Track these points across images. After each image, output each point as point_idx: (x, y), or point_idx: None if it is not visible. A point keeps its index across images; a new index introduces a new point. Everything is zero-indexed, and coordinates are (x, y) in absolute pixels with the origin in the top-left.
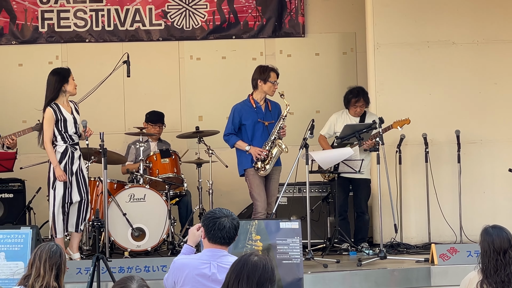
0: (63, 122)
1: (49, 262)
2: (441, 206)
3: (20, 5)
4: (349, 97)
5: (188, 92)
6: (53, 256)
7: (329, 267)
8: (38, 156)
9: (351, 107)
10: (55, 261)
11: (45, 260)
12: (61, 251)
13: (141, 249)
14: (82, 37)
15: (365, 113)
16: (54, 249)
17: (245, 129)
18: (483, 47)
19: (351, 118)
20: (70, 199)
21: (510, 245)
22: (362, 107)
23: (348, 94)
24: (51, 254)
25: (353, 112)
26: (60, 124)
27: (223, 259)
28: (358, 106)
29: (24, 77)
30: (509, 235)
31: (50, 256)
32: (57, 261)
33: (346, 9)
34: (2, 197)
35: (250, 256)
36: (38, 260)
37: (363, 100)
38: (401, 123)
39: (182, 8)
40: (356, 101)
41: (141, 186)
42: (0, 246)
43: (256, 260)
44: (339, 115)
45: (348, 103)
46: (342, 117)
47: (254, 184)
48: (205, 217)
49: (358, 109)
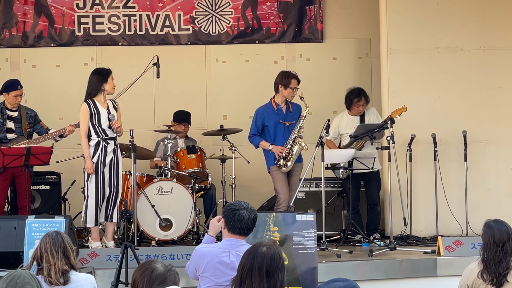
0: (97, 116)
1: (54, 248)
2: (448, 202)
3: (58, 11)
4: (351, 97)
5: (214, 93)
6: (55, 242)
7: (342, 257)
8: (74, 151)
9: (353, 107)
10: (58, 245)
11: (50, 248)
12: (61, 235)
13: (168, 239)
14: (116, 40)
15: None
16: (54, 236)
17: (268, 130)
18: (489, 53)
19: (351, 119)
20: (103, 192)
21: (509, 238)
22: (364, 105)
23: (350, 94)
24: (52, 241)
25: (355, 111)
26: (94, 118)
27: (241, 248)
28: (360, 105)
29: (61, 77)
30: (509, 229)
31: (53, 243)
32: (61, 244)
33: (362, 16)
34: (40, 188)
35: (259, 248)
36: (44, 251)
37: (364, 99)
38: (399, 112)
39: (209, 14)
40: (358, 100)
41: (169, 179)
42: (36, 234)
43: (264, 251)
44: (340, 118)
45: (351, 103)
46: (344, 119)
47: (277, 179)
48: (225, 209)
49: (360, 108)
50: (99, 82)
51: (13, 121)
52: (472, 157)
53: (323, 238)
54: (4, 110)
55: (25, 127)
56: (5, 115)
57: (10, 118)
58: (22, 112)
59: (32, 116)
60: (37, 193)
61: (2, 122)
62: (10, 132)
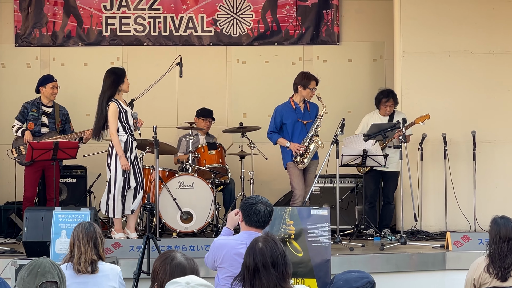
0: (124, 114)
1: (86, 238)
2: (457, 199)
3: (86, 12)
4: (380, 97)
5: (234, 92)
6: (87, 232)
7: (354, 250)
8: (99, 146)
9: (381, 107)
10: (91, 235)
11: (83, 237)
12: (94, 226)
13: (188, 231)
14: (141, 40)
15: (393, 112)
16: (87, 226)
17: (286, 128)
18: (498, 57)
19: (381, 118)
20: (128, 186)
21: None
22: (392, 106)
23: (379, 95)
24: (86, 231)
25: (383, 111)
26: (122, 116)
27: None
28: (388, 106)
29: (88, 75)
30: None
31: (86, 233)
32: (93, 235)
33: (376, 20)
34: (67, 181)
35: (256, 245)
36: (77, 240)
37: (392, 100)
38: (422, 119)
39: (230, 16)
40: (386, 101)
41: (190, 174)
42: (62, 225)
43: (261, 247)
44: (370, 116)
45: (379, 103)
46: (373, 117)
47: (293, 175)
48: (243, 203)
49: (388, 108)
50: (116, 82)
51: (47, 116)
52: (480, 156)
53: (336, 232)
54: (40, 105)
55: (58, 123)
56: (40, 110)
57: (45, 113)
58: (56, 109)
59: (64, 114)
60: (64, 185)
61: (37, 116)
62: (44, 127)
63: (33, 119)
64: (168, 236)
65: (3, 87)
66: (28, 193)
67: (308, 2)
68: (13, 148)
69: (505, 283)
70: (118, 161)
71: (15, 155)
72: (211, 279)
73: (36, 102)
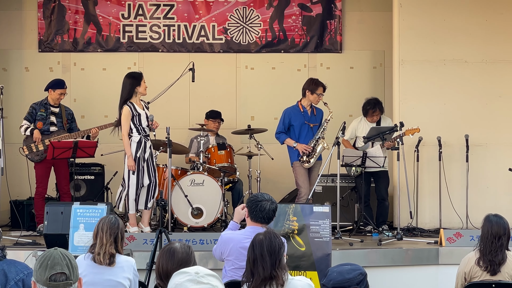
0: (137, 117)
1: (110, 232)
2: (451, 198)
3: (105, 20)
4: (367, 108)
5: (243, 96)
6: (112, 227)
7: (354, 245)
8: (116, 145)
9: (368, 116)
10: (114, 230)
11: (106, 230)
12: (119, 222)
13: (198, 226)
14: (156, 47)
15: (380, 119)
16: (113, 221)
17: (293, 129)
18: (490, 65)
19: (368, 124)
20: (142, 183)
21: (505, 232)
22: (378, 115)
23: (366, 105)
24: (110, 225)
25: (370, 119)
26: (135, 119)
27: None
28: (374, 115)
29: (107, 79)
30: (506, 224)
31: (110, 227)
32: (116, 231)
33: (377, 30)
34: (85, 178)
35: (257, 238)
36: (101, 231)
37: (378, 110)
38: (412, 131)
39: (240, 25)
40: (373, 111)
41: (201, 173)
42: (80, 219)
43: (261, 238)
44: (358, 122)
45: (366, 113)
46: (361, 123)
47: (299, 174)
48: (249, 199)
49: (374, 117)
50: (133, 85)
51: (55, 116)
52: (473, 159)
53: (337, 228)
54: (48, 105)
55: (65, 122)
56: (49, 110)
57: (52, 113)
58: (62, 109)
59: (70, 113)
60: (83, 182)
61: (46, 116)
62: (53, 126)
63: (42, 119)
64: (179, 230)
65: (27, 89)
66: (40, 188)
67: (313, 12)
68: (24, 146)
69: (494, 277)
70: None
71: (26, 152)
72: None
73: (44, 103)
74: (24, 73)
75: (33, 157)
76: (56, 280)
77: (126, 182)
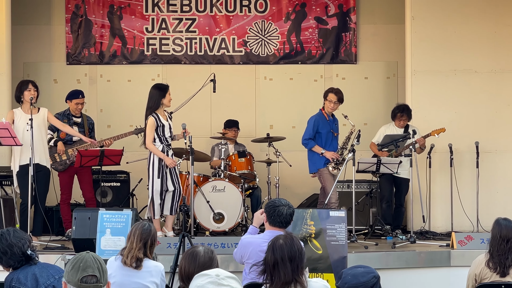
0: (161, 128)
1: (140, 237)
2: (462, 202)
3: (130, 33)
4: (396, 111)
5: (262, 106)
6: (143, 232)
7: (369, 248)
8: (141, 154)
9: (396, 120)
10: (145, 236)
11: (138, 235)
12: (151, 228)
13: (220, 230)
14: (179, 59)
15: (407, 126)
16: (146, 227)
17: (320, 137)
18: (499, 75)
19: (396, 129)
20: (166, 188)
21: None
22: (405, 120)
23: (395, 109)
24: (143, 231)
25: (397, 124)
26: (159, 129)
27: None
28: (402, 120)
29: (131, 90)
30: None
31: (142, 232)
32: (147, 236)
33: (390, 42)
34: (111, 185)
35: (277, 242)
36: (132, 235)
37: (406, 115)
38: (438, 131)
39: (259, 38)
40: (401, 115)
41: (222, 179)
42: (107, 224)
43: (281, 243)
44: (386, 127)
45: (394, 116)
46: (389, 128)
47: (327, 181)
48: (267, 205)
49: (402, 122)
50: (159, 96)
51: (77, 126)
52: (483, 165)
53: (353, 232)
54: (70, 116)
55: (86, 132)
56: (71, 120)
57: (75, 123)
58: (84, 119)
59: (91, 123)
60: (109, 189)
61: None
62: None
63: None
64: (201, 234)
65: (56, 100)
66: (64, 196)
67: (328, 25)
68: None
69: (503, 278)
70: (154, 167)
71: (51, 162)
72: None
73: (67, 114)
74: (53, 85)
75: (56, 166)
76: (87, 282)
77: (150, 189)
